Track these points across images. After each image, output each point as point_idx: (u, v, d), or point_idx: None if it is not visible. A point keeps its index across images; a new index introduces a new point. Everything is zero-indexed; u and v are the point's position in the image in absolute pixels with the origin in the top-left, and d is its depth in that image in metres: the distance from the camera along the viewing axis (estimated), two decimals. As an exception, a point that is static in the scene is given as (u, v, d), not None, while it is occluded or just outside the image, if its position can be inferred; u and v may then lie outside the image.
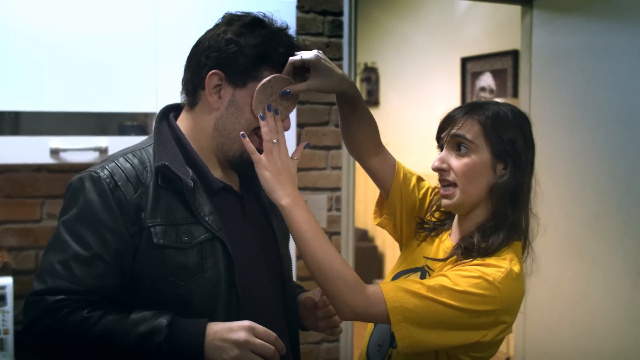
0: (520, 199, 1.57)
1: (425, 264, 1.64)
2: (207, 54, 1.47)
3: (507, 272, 1.48)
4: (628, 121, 3.10)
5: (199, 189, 1.46)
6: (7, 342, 2.26)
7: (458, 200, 1.56)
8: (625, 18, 3.13)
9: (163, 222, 1.41)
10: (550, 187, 3.49)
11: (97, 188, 1.40)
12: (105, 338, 1.34)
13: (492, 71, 5.02)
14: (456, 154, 1.56)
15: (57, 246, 1.39)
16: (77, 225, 1.39)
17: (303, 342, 3.16)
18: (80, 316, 1.34)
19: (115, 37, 2.40)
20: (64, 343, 1.36)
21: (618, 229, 3.13)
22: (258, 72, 1.47)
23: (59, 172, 2.72)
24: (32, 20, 2.31)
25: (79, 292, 1.36)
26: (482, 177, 1.55)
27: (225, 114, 1.48)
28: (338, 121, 1.74)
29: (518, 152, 1.55)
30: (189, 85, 1.51)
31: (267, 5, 2.68)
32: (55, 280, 1.36)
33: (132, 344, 1.34)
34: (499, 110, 1.57)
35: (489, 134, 1.54)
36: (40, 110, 2.38)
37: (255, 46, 1.45)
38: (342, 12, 3.20)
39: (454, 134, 1.56)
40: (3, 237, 2.69)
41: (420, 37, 5.85)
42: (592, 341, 3.22)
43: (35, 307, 1.36)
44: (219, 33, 1.48)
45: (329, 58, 1.60)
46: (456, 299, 1.43)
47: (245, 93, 1.47)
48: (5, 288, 2.28)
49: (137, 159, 1.46)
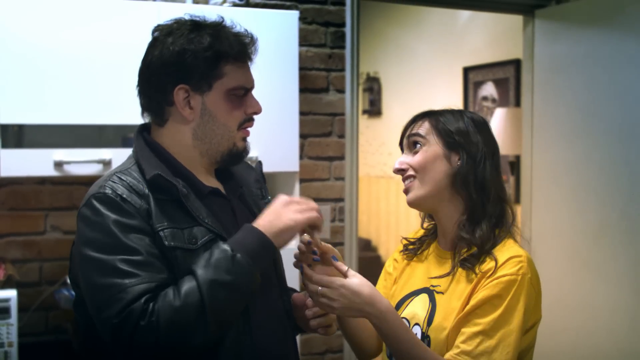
0: (489, 190, 1.61)
1: (430, 284, 1.65)
2: (165, 71, 1.49)
3: (526, 259, 1.54)
4: (630, 130, 3.10)
5: (192, 195, 1.48)
6: (11, 355, 2.26)
7: (418, 192, 1.64)
8: (627, 27, 3.14)
9: (170, 226, 1.44)
10: (553, 196, 3.50)
11: (109, 204, 1.42)
12: (195, 291, 1.36)
13: (494, 80, 5.02)
14: (413, 153, 1.65)
15: (106, 271, 1.38)
16: (109, 243, 1.39)
17: (307, 352, 3.16)
18: (165, 296, 1.36)
19: (118, 50, 2.41)
20: (171, 331, 1.35)
21: (621, 237, 3.13)
22: (220, 70, 1.49)
23: (62, 184, 2.73)
24: (35, 33, 2.33)
25: (154, 287, 1.37)
26: (437, 166, 1.62)
27: (201, 123, 1.51)
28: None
29: (471, 142, 1.62)
30: (152, 105, 1.53)
31: (270, 17, 2.71)
32: (131, 290, 1.35)
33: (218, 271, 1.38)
34: (451, 111, 1.68)
35: (439, 128, 1.64)
36: (43, 123, 2.39)
37: (208, 47, 1.48)
38: (344, 23, 3.21)
39: (408, 134, 1.67)
40: (7, 249, 2.70)
41: (423, 47, 5.86)
42: (595, 349, 3.20)
43: (127, 324, 1.34)
44: (166, 47, 1.49)
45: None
46: (515, 319, 1.50)
47: (214, 95, 1.50)
48: (9, 300, 2.28)
49: (129, 177, 1.48)
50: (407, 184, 1.66)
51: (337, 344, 3.25)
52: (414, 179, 1.64)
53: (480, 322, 1.50)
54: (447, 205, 1.64)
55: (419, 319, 1.61)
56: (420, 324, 1.60)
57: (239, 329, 1.48)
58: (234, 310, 1.42)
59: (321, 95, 3.18)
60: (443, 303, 1.58)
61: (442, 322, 1.56)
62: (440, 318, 1.57)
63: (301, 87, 3.02)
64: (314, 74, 3.15)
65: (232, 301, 1.40)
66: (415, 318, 1.62)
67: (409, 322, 1.63)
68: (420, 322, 1.60)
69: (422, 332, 1.59)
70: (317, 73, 3.15)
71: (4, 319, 2.26)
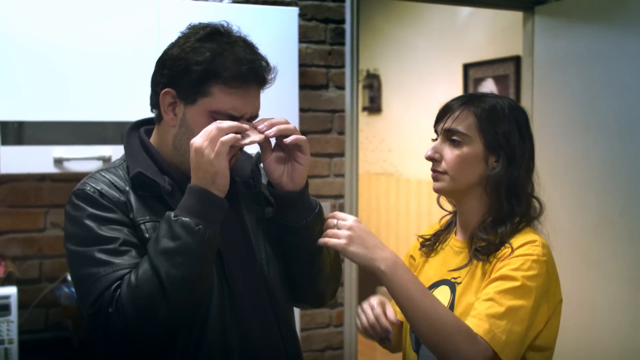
0: (519, 192, 1.58)
1: (450, 277, 1.64)
2: (161, 71, 1.50)
3: (542, 243, 1.53)
4: (630, 126, 3.10)
5: (177, 192, 1.48)
6: (11, 352, 2.26)
7: (448, 186, 1.60)
8: (627, 24, 3.13)
9: (151, 219, 1.45)
10: (553, 192, 3.49)
11: (87, 199, 1.45)
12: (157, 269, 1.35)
13: (494, 77, 5.02)
14: (449, 145, 1.59)
15: (83, 262, 1.41)
16: (86, 237, 1.42)
17: (307, 349, 3.16)
18: (126, 280, 1.36)
19: (118, 47, 2.41)
20: (135, 311, 1.35)
21: (621, 233, 3.13)
22: (206, 88, 1.46)
23: (62, 181, 2.73)
24: (35, 30, 2.32)
25: (127, 274, 1.38)
26: (474, 168, 1.58)
27: (179, 133, 1.50)
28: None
29: (512, 146, 1.57)
30: (151, 101, 1.55)
31: (269, 14, 2.71)
32: (104, 278, 1.37)
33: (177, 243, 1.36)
34: (496, 103, 1.59)
35: (483, 127, 1.57)
36: (43, 120, 2.39)
37: (202, 62, 1.45)
38: (344, 19, 3.20)
39: (448, 128, 1.59)
40: (7, 246, 2.70)
41: (422, 44, 5.85)
42: (595, 346, 3.21)
43: (100, 313, 1.36)
44: (172, 48, 1.50)
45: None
46: (525, 298, 1.46)
47: (196, 110, 1.47)
48: (9, 298, 2.28)
49: (112, 174, 1.50)
50: (436, 175, 1.62)
51: (337, 341, 3.26)
52: (445, 174, 1.59)
53: (490, 291, 1.48)
54: (473, 200, 1.62)
55: None
56: None
57: (223, 301, 1.47)
58: (192, 275, 1.38)
59: (321, 92, 3.18)
60: (462, 294, 1.58)
61: (463, 311, 1.54)
62: (461, 309, 1.56)
63: (301, 84, 3.02)
64: (314, 70, 3.15)
65: (186, 266, 1.36)
66: None
67: None
68: None
69: None
70: (316, 70, 3.15)
71: (4, 316, 2.27)
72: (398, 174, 6.06)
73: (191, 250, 1.36)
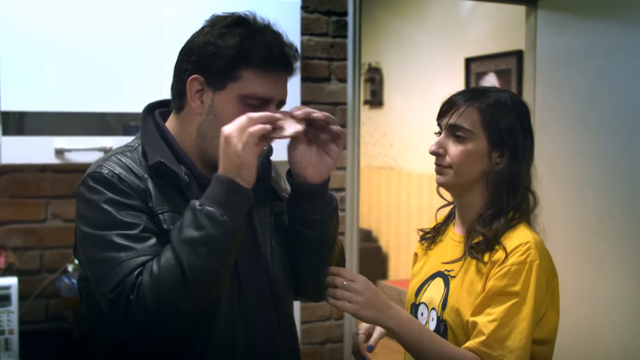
0: (518, 186, 1.60)
1: (444, 269, 1.66)
2: (187, 58, 1.48)
3: (534, 244, 1.54)
4: (632, 122, 3.10)
5: (194, 184, 1.47)
6: (12, 343, 2.27)
7: (451, 180, 1.62)
8: (630, 18, 3.12)
9: (170, 210, 1.43)
10: (554, 188, 3.50)
11: (105, 183, 1.41)
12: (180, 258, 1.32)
13: (496, 71, 5.01)
14: (454, 140, 1.60)
15: (100, 245, 1.38)
16: (105, 221, 1.39)
17: (307, 342, 3.17)
18: (149, 267, 1.34)
19: (120, 37, 2.41)
20: (156, 300, 1.32)
21: (622, 229, 3.13)
22: (237, 72, 1.44)
23: (63, 172, 2.73)
24: (36, 20, 2.32)
25: (149, 260, 1.35)
26: (477, 163, 1.59)
27: (206, 121, 1.47)
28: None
29: (515, 142, 1.59)
30: (175, 90, 1.52)
31: (271, 6, 2.70)
32: (126, 264, 1.34)
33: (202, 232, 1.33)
34: (499, 98, 1.61)
35: (487, 123, 1.58)
36: (45, 111, 2.39)
37: (233, 46, 1.43)
38: (346, 12, 3.19)
39: (452, 124, 1.60)
40: (8, 237, 2.70)
41: (425, 38, 5.85)
42: (596, 342, 3.21)
43: (120, 298, 1.33)
44: (198, 36, 1.48)
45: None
46: (526, 307, 1.51)
47: (225, 96, 1.45)
48: (10, 288, 2.29)
49: (129, 158, 1.47)
50: (440, 169, 1.63)
51: (337, 334, 3.26)
52: (450, 169, 1.61)
53: (492, 312, 1.51)
54: (473, 194, 1.64)
55: (435, 304, 1.63)
56: (436, 309, 1.62)
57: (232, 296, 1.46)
58: (215, 267, 1.36)
59: (323, 85, 3.17)
60: (456, 288, 1.60)
61: (455, 304, 1.58)
62: (453, 301, 1.59)
63: (303, 77, 3.01)
64: (316, 63, 3.14)
65: (209, 257, 1.33)
66: (432, 302, 1.64)
67: (427, 307, 1.65)
68: (436, 307, 1.63)
69: (438, 316, 1.61)
70: (318, 62, 3.15)
71: (4, 306, 2.27)
72: (399, 167, 6.06)
73: (215, 240, 1.34)
